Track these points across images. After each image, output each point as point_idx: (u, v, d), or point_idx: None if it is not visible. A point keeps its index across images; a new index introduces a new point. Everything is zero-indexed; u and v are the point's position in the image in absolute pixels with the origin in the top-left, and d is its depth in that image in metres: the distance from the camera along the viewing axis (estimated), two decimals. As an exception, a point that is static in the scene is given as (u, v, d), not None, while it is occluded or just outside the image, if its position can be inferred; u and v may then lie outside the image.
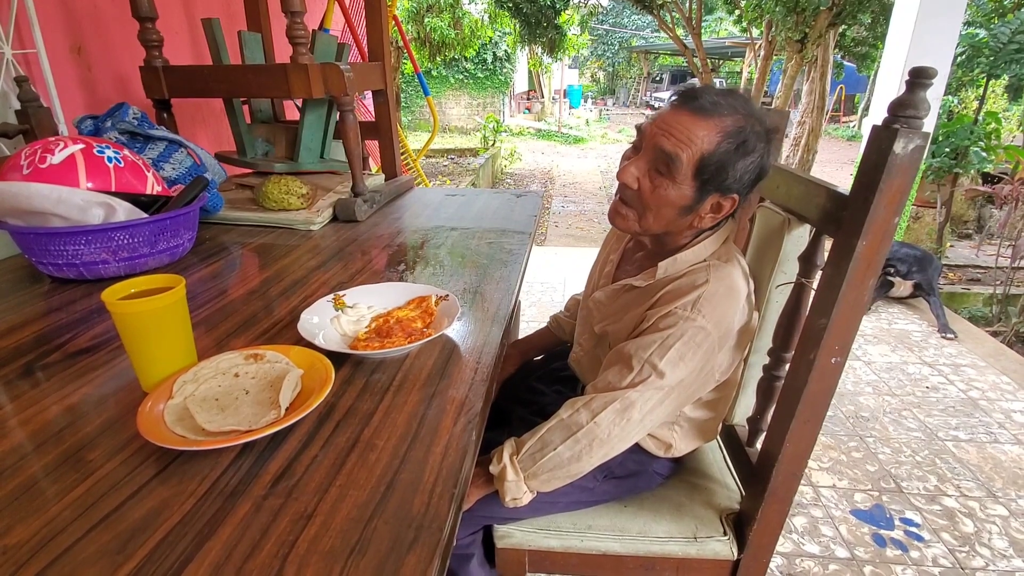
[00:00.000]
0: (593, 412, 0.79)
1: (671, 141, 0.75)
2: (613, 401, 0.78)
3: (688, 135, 0.74)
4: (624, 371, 0.79)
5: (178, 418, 0.57)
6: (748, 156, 0.75)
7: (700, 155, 0.74)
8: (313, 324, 0.77)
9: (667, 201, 0.78)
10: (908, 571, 1.46)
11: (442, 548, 0.46)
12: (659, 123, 0.77)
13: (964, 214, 5.22)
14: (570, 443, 0.79)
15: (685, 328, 0.77)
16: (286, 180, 1.34)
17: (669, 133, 0.75)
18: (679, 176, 0.75)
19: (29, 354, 0.76)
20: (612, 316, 0.91)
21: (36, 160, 0.94)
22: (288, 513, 0.48)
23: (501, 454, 0.83)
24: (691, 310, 0.77)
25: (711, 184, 0.76)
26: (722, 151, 0.74)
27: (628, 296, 0.90)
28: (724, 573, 0.95)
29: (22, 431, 0.60)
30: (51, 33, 1.34)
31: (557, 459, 0.80)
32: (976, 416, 2.13)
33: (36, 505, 0.50)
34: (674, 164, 0.75)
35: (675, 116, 0.76)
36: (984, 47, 3.88)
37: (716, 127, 0.74)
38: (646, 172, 0.78)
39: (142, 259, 1.00)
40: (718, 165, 0.74)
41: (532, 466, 0.82)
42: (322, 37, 1.42)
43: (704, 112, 0.74)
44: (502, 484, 0.82)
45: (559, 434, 0.80)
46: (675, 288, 0.81)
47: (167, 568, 0.43)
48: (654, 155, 0.77)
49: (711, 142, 0.74)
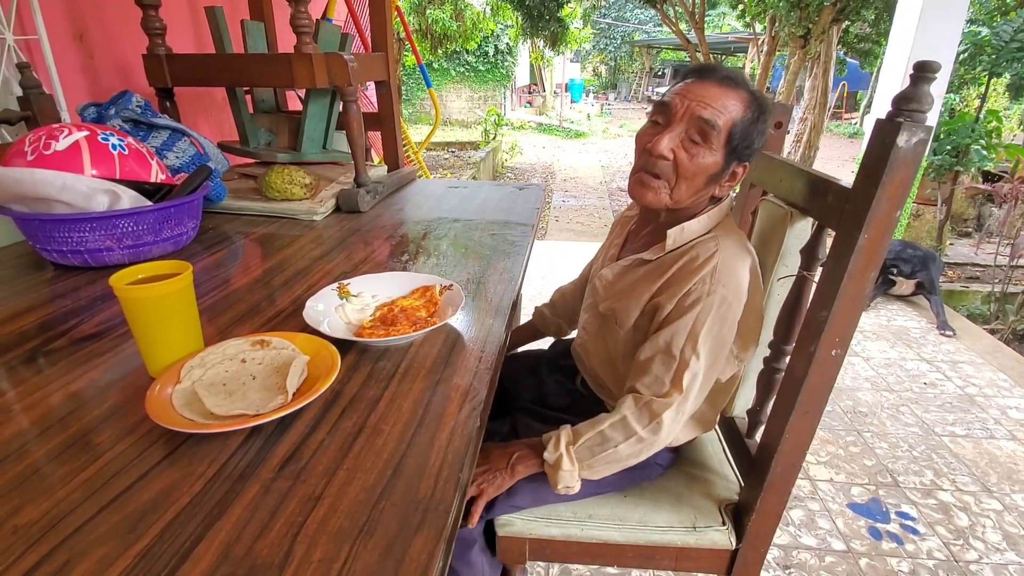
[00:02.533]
0: (654, 413, 0.80)
1: (709, 109, 0.78)
2: (671, 402, 0.80)
3: (722, 103, 0.78)
4: (668, 361, 0.80)
5: (186, 402, 0.58)
6: (760, 124, 0.80)
7: (732, 122, 0.78)
8: (318, 312, 0.78)
9: (703, 168, 0.80)
10: (903, 564, 1.48)
11: (448, 531, 0.47)
12: (690, 95, 0.79)
13: (964, 212, 5.22)
14: (632, 442, 0.82)
15: (710, 303, 0.79)
16: (289, 170, 1.34)
17: (705, 102, 0.78)
18: (715, 143, 0.79)
19: (34, 340, 0.76)
20: (619, 294, 0.91)
21: (40, 146, 0.94)
22: (296, 495, 0.49)
23: (558, 442, 0.84)
24: (710, 282, 0.79)
25: (736, 152, 0.80)
26: (747, 119, 0.79)
27: (637, 272, 0.90)
28: (722, 563, 0.96)
29: (29, 415, 0.60)
30: (53, 19, 1.34)
31: (616, 455, 0.83)
32: (973, 412, 2.15)
33: (46, 486, 0.50)
34: (714, 131, 0.78)
35: (704, 88, 0.79)
36: (986, 45, 3.88)
37: (740, 97, 0.79)
38: (679, 143, 0.80)
39: (146, 247, 1.01)
40: (744, 132, 0.79)
41: (589, 458, 0.84)
42: (325, 27, 1.42)
43: (730, 83, 0.79)
44: (556, 472, 0.84)
45: (621, 432, 0.82)
46: (687, 264, 0.82)
47: (178, 547, 0.44)
48: (689, 124, 0.79)
49: (738, 110, 0.78)
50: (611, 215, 6.37)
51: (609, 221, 6.10)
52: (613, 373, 0.95)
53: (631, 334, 0.89)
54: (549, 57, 13.81)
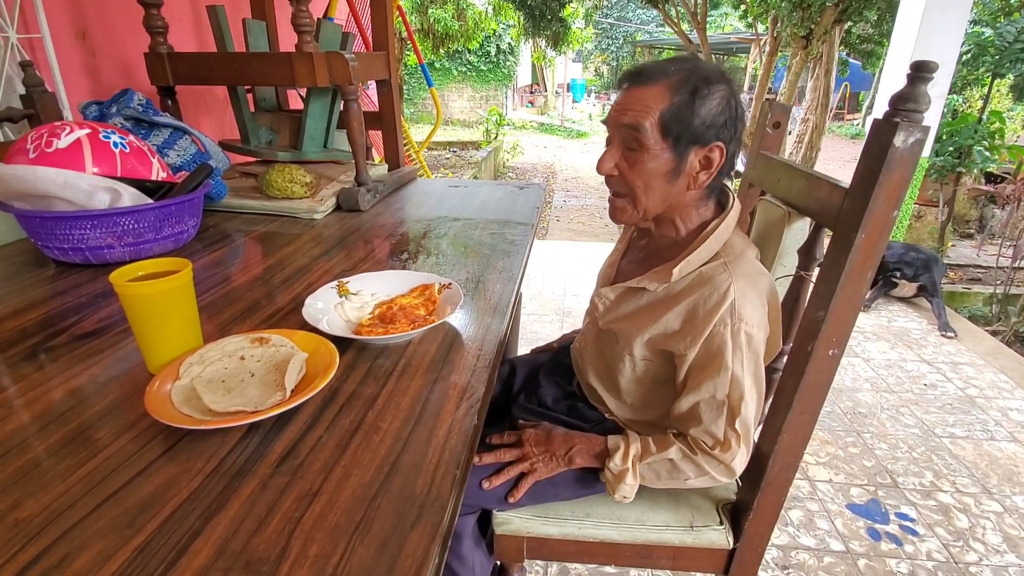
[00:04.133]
0: (723, 460, 0.81)
1: (629, 114, 0.77)
2: (736, 450, 0.80)
3: (641, 103, 0.76)
4: (718, 408, 0.80)
5: (185, 398, 0.58)
6: (708, 100, 0.76)
7: (659, 115, 0.76)
8: (317, 309, 0.78)
9: (650, 172, 0.79)
10: (902, 565, 1.48)
11: (444, 527, 0.47)
12: (615, 107, 0.80)
13: (966, 213, 5.22)
14: (706, 479, 0.84)
15: (739, 343, 0.77)
16: (290, 169, 1.35)
17: (624, 108, 0.78)
18: (650, 143, 0.77)
19: (35, 336, 0.77)
20: (622, 318, 0.90)
21: (42, 144, 0.94)
22: (294, 491, 0.49)
23: (626, 455, 0.85)
24: (731, 321, 0.77)
25: (683, 139, 0.76)
26: (677, 103, 0.75)
27: (639, 299, 0.88)
28: (720, 562, 0.96)
29: (30, 411, 0.61)
30: (56, 18, 1.35)
31: (687, 485, 0.86)
32: (973, 413, 2.15)
33: (45, 481, 0.51)
34: (640, 133, 0.76)
35: (626, 94, 0.79)
36: (989, 46, 3.87)
37: (665, 86, 0.76)
38: (620, 156, 0.80)
39: (147, 244, 1.01)
40: (679, 117, 0.75)
41: (653, 478, 0.86)
42: (327, 26, 1.43)
43: (651, 79, 0.77)
44: (619, 483, 0.85)
45: (693, 470, 0.83)
46: (701, 303, 0.79)
47: (176, 541, 0.44)
48: (620, 135, 0.79)
49: (662, 101, 0.76)
50: (612, 215, 6.36)
51: (610, 221, 6.10)
52: (608, 384, 0.95)
53: (639, 364, 0.88)
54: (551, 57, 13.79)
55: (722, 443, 0.80)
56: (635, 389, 0.91)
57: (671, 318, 0.82)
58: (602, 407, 0.98)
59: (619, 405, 0.95)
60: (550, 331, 2.75)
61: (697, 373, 0.80)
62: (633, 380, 0.90)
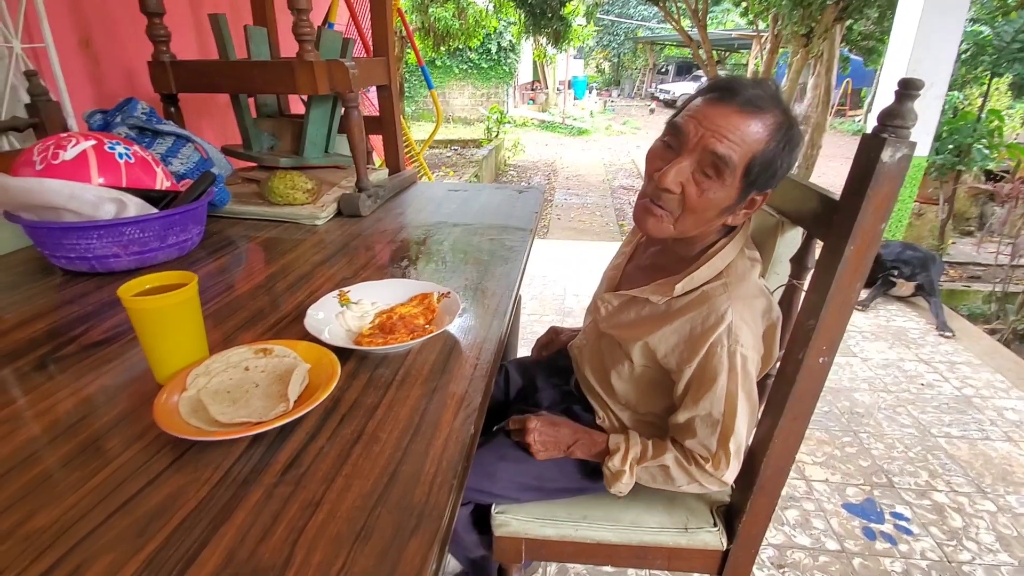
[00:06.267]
0: (714, 474, 0.84)
1: (725, 143, 0.71)
2: (727, 466, 0.83)
3: (741, 135, 0.71)
4: (712, 425, 0.82)
5: (192, 410, 0.60)
6: (792, 151, 0.74)
7: (752, 156, 0.72)
8: (319, 320, 0.80)
9: (713, 204, 0.75)
10: (896, 564, 1.50)
11: (441, 535, 0.49)
12: (705, 123, 0.72)
13: (967, 211, 5.22)
14: (696, 486, 0.88)
15: (735, 364, 0.78)
16: (291, 175, 1.36)
17: (720, 134, 0.71)
18: (729, 179, 0.73)
19: (45, 346, 0.79)
20: (623, 325, 0.92)
21: (49, 156, 0.96)
22: (297, 500, 0.51)
23: (625, 456, 0.88)
24: (727, 342, 0.78)
25: (756, 183, 0.75)
26: (771, 150, 0.72)
27: (641, 309, 0.89)
28: (714, 563, 0.98)
29: (41, 421, 0.63)
30: (59, 27, 1.36)
31: (678, 489, 0.90)
32: (969, 413, 2.16)
33: (57, 492, 0.52)
34: (727, 167, 0.72)
35: (721, 114, 0.72)
36: (988, 45, 3.87)
37: (765, 125, 0.72)
38: (690, 175, 0.75)
39: (152, 253, 1.03)
40: (766, 164, 0.73)
41: (648, 480, 0.89)
42: (327, 33, 1.44)
43: (752, 108, 0.71)
44: (616, 481, 0.88)
45: (685, 478, 0.87)
46: (700, 322, 0.80)
47: (185, 551, 0.46)
48: (702, 156, 0.73)
49: (761, 141, 0.72)
50: (613, 213, 6.38)
51: (611, 219, 6.11)
52: (605, 385, 0.97)
53: (637, 370, 0.90)
54: (552, 54, 13.78)
55: (714, 458, 0.83)
56: (630, 390, 0.94)
57: (669, 332, 0.84)
58: (598, 403, 1.00)
59: (614, 403, 0.97)
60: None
61: (694, 391, 0.82)
62: (630, 382, 0.93)
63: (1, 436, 0.60)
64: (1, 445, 0.58)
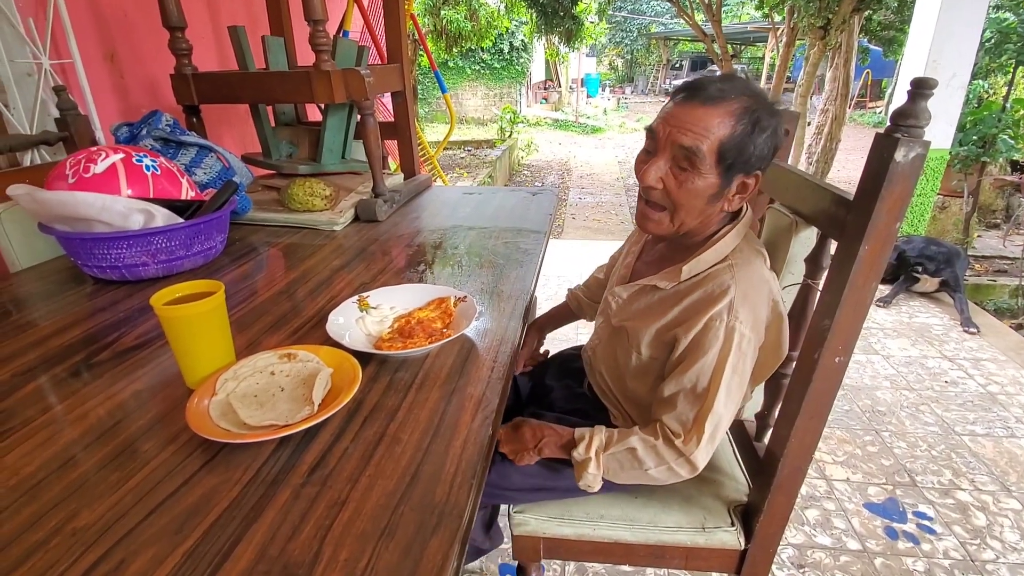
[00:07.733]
0: (682, 452, 0.83)
1: (689, 136, 0.76)
2: (700, 444, 0.82)
3: (705, 126, 0.76)
4: (693, 400, 0.82)
5: (222, 413, 0.63)
6: (763, 132, 0.77)
7: (719, 142, 0.76)
8: (340, 325, 0.83)
9: (695, 193, 0.79)
10: (919, 563, 1.48)
11: (462, 533, 0.51)
12: (671, 120, 0.78)
13: (992, 203, 5.09)
14: (664, 469, 0.85)
15: (729, 339, 0.79)
16: (310, 182, 1.40)
17: (685, 128, 0.77)
18: (703, 167, 0.77)
19: (80, 352, 0.82)
20: (633, 315, 0.93)
21: (80, 170, 1.00)
22: (324, 500, 0.54)
23: (589, 445, 0.88)
24: (727, 317, 0.79)
25: (735, 167, 0.78)
26: (739, 134, 0.76)
27: (651, 297, 0.91)
28: (731, 562, 0.98)
29: (80, 426, 0.66)
30: (85, 42, 1.41)
31: (648, 476, 0.86)
32: (994, 411, 2.12)
33: (99, 491, 0.55)
34: (696, 156, 0.76)
35: (686, 110, 0.77)
36: (1012, 32, 3.77)
37: (728, 112, 0.76)
38: (667, 170, 0.80)
39: (178, 261, 1.07)
40: (738, 147, 0.76)
41: (619, 471, 0.88)
42: (343, 43, 1.47)
43: (713, 100, 0.76)
44: (582, 471, 0.88)
45: (653, 459, 0.85)
46: (702, 297, 0.82)
47: (220, 547, 0.48)
48: (673, 152, 0.78)
49: (726, 128, 0.76)
50: (628, 211, 6.35)
51: (626, 218, 6.08)
52: (619, 384, 0.98)
53: (645, 360, 0.91)
54: (564, 53, 13.76)
55: (686, 435, 0.83)
56: (640, 386, 0.94)
57: (675, 312, 0.85)
58: (612, 405, 1.01)
59: (628, 403, 0.98)
60: (565, 331, 2.77)
61: (686, 361, 0.83)
62: (639, 376, 0.93)
63: (43, 440, 0.63)
64: (44, 448, 0.62)
